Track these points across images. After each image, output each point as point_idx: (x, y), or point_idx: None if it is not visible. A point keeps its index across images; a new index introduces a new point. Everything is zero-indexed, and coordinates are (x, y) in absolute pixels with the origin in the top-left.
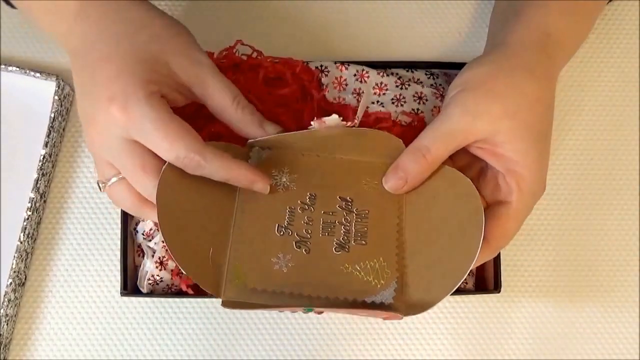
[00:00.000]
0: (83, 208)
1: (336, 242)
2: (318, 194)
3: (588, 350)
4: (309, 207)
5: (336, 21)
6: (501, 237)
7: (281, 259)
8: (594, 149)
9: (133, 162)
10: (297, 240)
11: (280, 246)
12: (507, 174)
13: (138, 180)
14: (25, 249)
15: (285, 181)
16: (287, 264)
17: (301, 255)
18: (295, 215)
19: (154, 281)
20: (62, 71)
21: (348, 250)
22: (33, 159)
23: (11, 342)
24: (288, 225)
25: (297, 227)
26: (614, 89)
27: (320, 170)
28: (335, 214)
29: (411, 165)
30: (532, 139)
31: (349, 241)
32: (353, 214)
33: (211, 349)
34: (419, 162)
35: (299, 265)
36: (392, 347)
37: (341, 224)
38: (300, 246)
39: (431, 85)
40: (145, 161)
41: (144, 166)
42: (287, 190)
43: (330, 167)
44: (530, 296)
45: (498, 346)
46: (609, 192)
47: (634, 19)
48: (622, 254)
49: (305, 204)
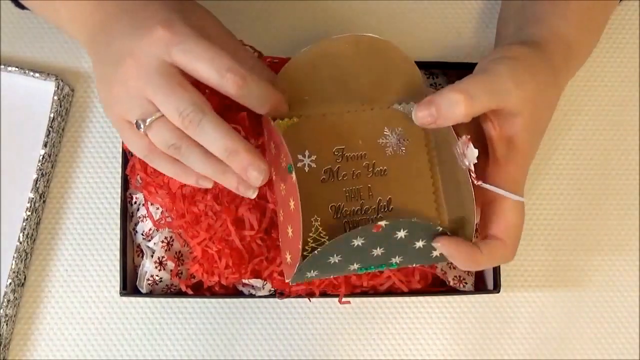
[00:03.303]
0: (82, 208)
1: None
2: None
3: (588, 350)
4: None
5: (336, 21)
6: (511, 232)
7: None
8: (594, 149)
9: (170, 80)
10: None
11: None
12: (506, 162)
13: (175, 96)
14: (24, 249)
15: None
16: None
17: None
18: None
19: (153, 281)
20: (61, 71)
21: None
22: (32, 159)
23: (11, 342)
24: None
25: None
26: (614, 89)
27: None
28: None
29: (445, 107)
30: (536, 130)
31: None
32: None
33: (210, 349)
34: (454, 109)
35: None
36: (392, 347)
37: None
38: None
39: (431, 85)
40: (183, 80)
41: (181, 82)
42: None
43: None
44: (530, 296)
45: (498, 346)
46: (609, 192)
47: (634, 19)
48: (622, 253)
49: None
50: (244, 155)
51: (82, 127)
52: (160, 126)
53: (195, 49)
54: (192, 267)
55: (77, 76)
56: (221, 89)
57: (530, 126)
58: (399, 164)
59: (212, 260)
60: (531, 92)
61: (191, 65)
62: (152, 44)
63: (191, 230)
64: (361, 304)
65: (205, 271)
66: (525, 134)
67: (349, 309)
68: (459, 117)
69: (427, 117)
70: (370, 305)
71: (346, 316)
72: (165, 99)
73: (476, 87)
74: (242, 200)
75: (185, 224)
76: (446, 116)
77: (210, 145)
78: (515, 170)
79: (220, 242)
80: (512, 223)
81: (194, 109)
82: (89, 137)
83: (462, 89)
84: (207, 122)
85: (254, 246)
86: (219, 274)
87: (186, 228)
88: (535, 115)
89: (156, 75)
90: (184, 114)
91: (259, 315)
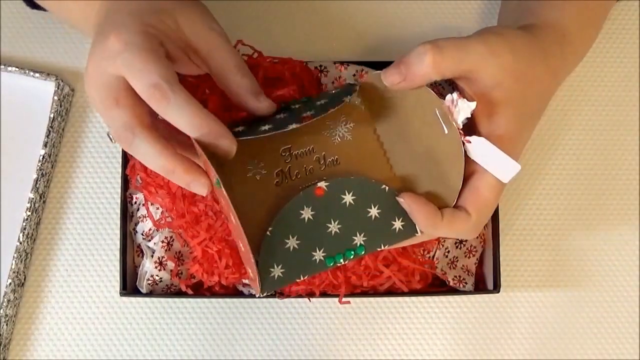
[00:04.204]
0: (82, 208)
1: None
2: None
3: (588, 350)
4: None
5: (336, 21)
6: (481, 209)
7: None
8: (594, 149)
9: (108, 96)
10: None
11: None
12: (488, 139)
13: (107, 114)
14: (24, 250)
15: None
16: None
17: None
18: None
19: (153, 281)
20: (61, 71)
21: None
22: (32, 159)
23: (11, 342)
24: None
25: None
26: (614, 89)
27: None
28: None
29: (413, 60)
30: (523, 113)
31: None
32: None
33: (210, 349)
34: (425, 62)
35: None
36: (392, 347)
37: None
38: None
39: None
40: (119, 95)
41: (116, 99)
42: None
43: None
44: (530, 296)
45: (498, 346)
46: (608, 192)
47: (634, 19)
48: (621, 253)
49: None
50: (181, 175)
51: (82, 127)
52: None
53: (132, 61)
54: (192, 267)
55: (77, 76)
56: (148, 104)
57: (513, 102)
58: (349, 149)
59: (212, 260)
60: (509, 63)
61: (127, 78)
62: (103, 52)
63: (191, 230)
64: (361, 304)
65: (205, 271)
66: (509, 110)
67: (349, 309)
68: (427, 70)
69: (395, 75)
70: (370, 305)
71: (346, 316)
72: (101, 114)
73: (446, 41)
74: None
75: (185, 224)
76: (414, 72)
77: (148, 164)
78: (508, 144)
79: (221, 242)
80: (484, 200)
81: (123, 129)
82: (89, 137)
83: (431, 41)
84: (139, 142)
85: None
86: (219, 274)
87: (186, 228)
88: (518, 91)
89: (98, 88)
90: (116, 133)
91: (259, 315)
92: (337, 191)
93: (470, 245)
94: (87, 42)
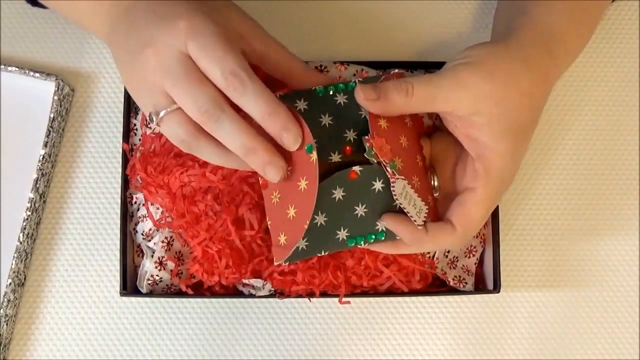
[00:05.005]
0: (82, 208)
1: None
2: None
3: (588, 350)
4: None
5: (336, 21)
6: (467, 224)
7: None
8: (594, 149)
9: (189, 73)
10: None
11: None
12: (477, 159)
13: (194, 90)
14: (24, 249)
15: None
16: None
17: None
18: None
19: (153, 281)
20: (61, 71)
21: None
22: (32, 159)
23: (11, 342)
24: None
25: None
26: (614, 89)
27: None
28: None
29: (392, 90)
30: (511, 129)
31: None
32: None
33: (211, 349)
34: (400, 93)
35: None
36: (392, 347)
37: None
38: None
39: None
40: (202, 75)
41: (200, 77)
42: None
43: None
44: (530, 296)
45: (498, 346)
46: (608, 192)
47: (634, 19)
48: (621, 253)
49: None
50: (262, 154)
51: (82, 127)
52: (173, 120)
53: (209, 46)
54: (192, 267)
55: (77, 76)
56: (223, 91)
57: (495, 125)
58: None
59: (212, 260)
60: (483, 90)
61: (201, 62)
62: (174, 35)
63: (191, 230)
64: (361, 304)
65: (206, 271)
66: (493, 132)
67: (349, 309)
68: (398, 107)
69: (371, 92)
70: (370, 305)
71: (346, 316)
72: (184, 91)
73: (418, 82)
74: (242, 200)
75: (185, 224)
76: (389, 101)
77: (228, 142)
78: (483, 193)
79: (221, 242)
80: (471, 216)
81: (212, 105)
82: (89, 137)
83: (407, 80)
84: (225, 119)
85: (254, 246)
86: (219, 274)
87: (186, 228)
88: (499, 114)
89: (175, 68)
90: (203, 109)
91: (259, 315)
92: (369, 177)
93: (471, 245)
94: (87, 42)
